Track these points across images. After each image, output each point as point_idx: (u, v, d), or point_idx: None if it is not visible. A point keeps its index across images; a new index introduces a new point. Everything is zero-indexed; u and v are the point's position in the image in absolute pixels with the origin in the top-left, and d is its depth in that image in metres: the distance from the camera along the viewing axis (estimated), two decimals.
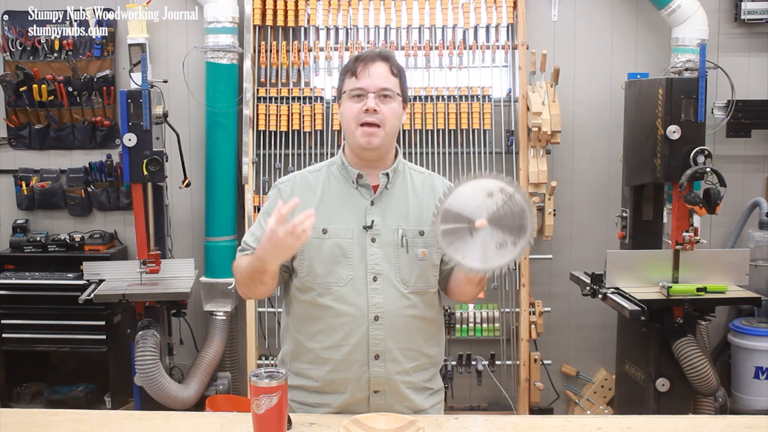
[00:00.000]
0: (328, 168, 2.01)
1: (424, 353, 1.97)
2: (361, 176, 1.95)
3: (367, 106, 1.88)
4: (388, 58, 1.94)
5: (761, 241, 4.06)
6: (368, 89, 1.89)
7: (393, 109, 1.91)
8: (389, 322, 1.90)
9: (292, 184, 2.00)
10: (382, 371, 1.91)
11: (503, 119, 4.13)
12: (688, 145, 3.30)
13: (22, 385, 4.24)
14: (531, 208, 1.75)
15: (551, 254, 4.16)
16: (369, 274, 1.90)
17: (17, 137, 4.32)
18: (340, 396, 1.93)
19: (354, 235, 1.91)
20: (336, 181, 1.98)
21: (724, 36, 4.18)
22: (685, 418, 1.96)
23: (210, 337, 4.08)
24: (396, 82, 1.93)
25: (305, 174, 2.03)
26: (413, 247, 1.93)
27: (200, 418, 1.94)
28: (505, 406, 4.09)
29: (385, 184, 1.96)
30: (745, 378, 4.02)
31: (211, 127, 4.15)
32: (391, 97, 1.91)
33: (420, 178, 2.03)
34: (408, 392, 1.95)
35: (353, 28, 4.12)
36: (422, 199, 1.99)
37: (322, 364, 1.93)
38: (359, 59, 1.93)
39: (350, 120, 1.91)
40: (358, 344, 1.89)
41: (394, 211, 1.95)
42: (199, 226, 4.28)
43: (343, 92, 1.94)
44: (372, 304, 1.89)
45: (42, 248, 4.13)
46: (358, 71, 1.91)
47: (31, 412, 2.03)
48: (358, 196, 1.95)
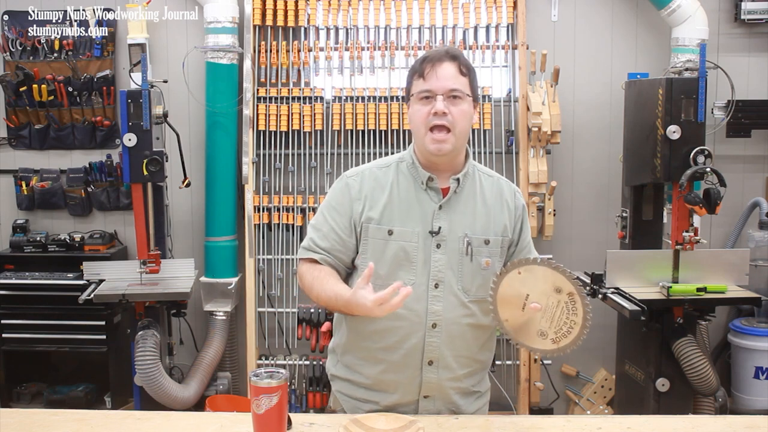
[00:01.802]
0: (397, 165, 1.95)
1: (476, 359, 1.96)
2: (432, 179, 1.90)
3: (436, 109, 1.82)
4: (456, 57, 1.87)
5: (761, 241, 4.06)
6: (437, 91, 1.83)
7: (463, 110, 1.85)
8: (446, 330, 1.87)
9: (361, 178, 1.94)
10: (435, 377, 1.89)
11: (503, 119, 4.13)
12: (688, 145, 3.30)
13: (22, 385, 4.24)
14: (585, 326, 1.77)
15: (551, 254, 4.15)
16: (431, 281, 1.87)
17: (17, 137, 4.32)
18: (389, 396, 1.92)
19: (419, 239, 1.87)
20: (405, 181, 1.92)
21: (724, 36, 4.18)
22: (685, 418, 1.95)
23: (210, 337, 4.08)
24: (465, 82, 1.87)
25: (374, 169, 1.96)
26: (477, 256, 1.90)
27: (200, 418, 1.94)
28: (505, 406, 4.08)
29: (455, 189, 1.91)
30: (745, 378, 4.02)
31: (211, 127, 4.15)
32: (461, 97, 1.85)
33: (489, 182, 1.98)
34: (456, 397, 1.95)
35: (353, 28, 4.12)
36: (490, 206, 1.94)
37: (375, 363, 1.91)
38: (426, 59, 1.87)
39: (419, 123, 1.86)
40: (414, 349, 1.87)
41: (461, 217, 1.90)
42: (199, 226, 4.28)
43: (412, 94, 1.89)
44: (431, 312, 1.86)
45: (42, 248, 4.13)
46: (425, 72, 1.85)
47: (31, 412, 2.03)
48: (427, 199, 1.90)
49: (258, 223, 4.09)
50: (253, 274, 4.06)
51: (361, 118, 4.05)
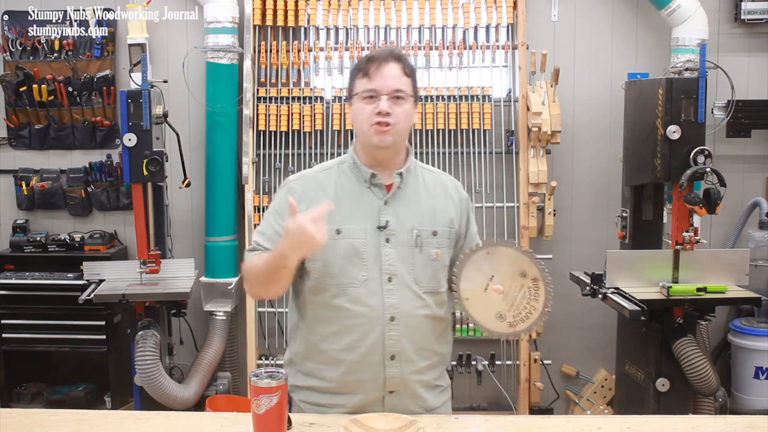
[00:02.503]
0: (339, 166, 1.99)
1: (436, 352, 1.98)
2: (375, 175, 1.93)
3: (380, 108, 1.86)
4: (400, 58, 1.91)
5: (761, 241, 4.06)
6: (381, 91, 1.87)
7: (405, 110, 1.89)
8: (404, 323, 1.89)
9: (303, 182, 1.97)
10: (398, 371, 1.90)
11: (503, 119, 4.13)
12: (688, 145, 3.30)
13: (22, 385, 4.24)
14: (544, 313, 1.80)
15: (551, 254, 4.15)
16: (384, 275, 1.88)
17: (17, 137, 4.32)
18: (354, 397, 1.92)
19: (368, 236, 1.90)
20: (348, 180, 1.95)
21: (724, 36, 4.18)
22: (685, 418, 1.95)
23: (210, 337, 4.08)
24: (408, 83, 1.91)
25: (316, 172, 2.00)
26: (427, 248, 1.92)
27: (200, 418, 1.94)
28: (505, 406, 4.09)
29: (399, 184, 1.95)
30: (745, 378, 4.02)
31: (211, 127, 4.15)
32: (404, 98, 1.89)
33: (431, 177, 2.03)
34: (421, 391, 1.96)
35: (353, 28, 4.12)
36: (435, 198, 1.98)
37: (336, 365, 1.91)
38: (372, 59, 1.90)
39: (363, 121, 1.90)
40: (374, 345, 1.88)
41: (408, 211, 1.93)
42: (199, 226, 4.28)
43: (355, 93, 1.92)
44: (387, 305, 1.88)
45: (42, 248, 4.13)
46: (370, 72, 1.88)
47: (31, 412, 2.03)
48: (372, 196, 1.93)
49: (258, 223, 4.08)
50: None
51: None
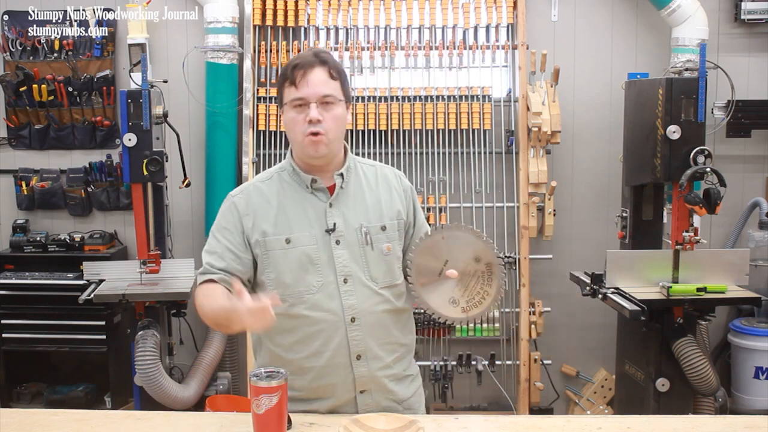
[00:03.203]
0: (279, 175, 1.96)
1: (401, 344, 1.98)
2: (315, 180, 1.91)
3: (310, 117, 1.83)
4: (325, 62, 1.87)
5: (761, 241, 4.06)
6: (309, 99, 1.83)
7: (336, 115, 1.87)
8: (365, 321, 1.89)
9: (246, 195, 1.95)
10: (366, 370, 1.91)
11: (503, 119, 4.13)
12: (688, 145, 3.30)
13: (22, 385, 4.24)
14: (497, 298, 1.81)
15: (551, 254, 4.16)
16: (339, 277, 1.88)
17: (17, 137, 4.32)
18: (326, 401, 1.92)
19: (318, 241, 1.89)
20: (290, 188, 1.93)
21: (724, 36, 4.18)
22: (685, 418, 1.95)
23: (210, 337, 4.08)
24: (336, 86, 1.87)
25: (257, 184, 1.97)
26: (378, 243, 1.92)
27: (200, 418, 1.94)
28: (505, 406, 4.08)
29: (341, 184, 1.93)
30: (745, 378, 4.02)
31: (211, 127, 4.15)
32: (333, 102, 1.86)
33: (372, 171, 2.02)
34: (391, 385, 1.96)
35: (353, 28, 4.12)
36: (378, 192, 1.98)
37: (304, 373, 1.91)
38: (297, 66, 1.85)
39: (296, 131, 1.87)
40: (339, 348, 1.88)
41: (353, 209, 1.93)
42: (199, 226, 4.28)
43: (285, 102, 1.89)
44: (347, 307, 1.88)
45: (42, 248, 4.13)
46: (297, 80, 1.84)
47: (31, 412, 2.03)
48: (315, 200, 1.92)
49: None
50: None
51: (360, 118, 4.05)
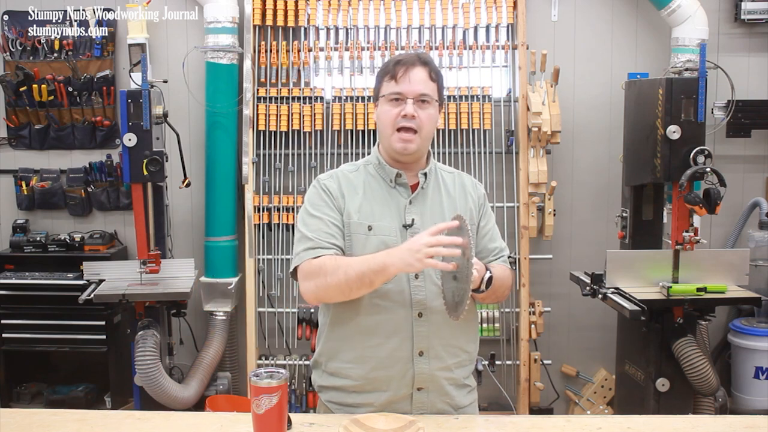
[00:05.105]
0: (364, 167, 2.03)
1: (464, 350, 1.99)
2: (400, 175, 1.97)
3: (406, 111, 1.89)
4: (427, 63, 1.94)
5: (761, 241, 4.06)
6: (407, 95, 1.90)
7: (430, 114, 1.93)
8: (432, 319, 1.90)
9: (336, 180, 2.00)
10: (426, 368, 1.91)
11: (503, 119, 4.13)
12: (688, 145, 3.30)
13: (22, 385, 4.24)
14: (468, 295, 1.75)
15: (551, 254, 4.16)
16: (411, 273, 1.89)
17: (17, 137, 4.32)
18: (382, 394, 1.92)
19: (397, 233, 1.92)
20: (374, 181, 1.99)
21: (724, 36, 4.18)
22: (685, 418, 1.96)
23: (210, 337, 4.08)
24: (434, 87, 1.94)
25: (345, 171, 2.03)
26: None
27: (200, 418, 1.94)
28: (505, 406, 4.08)
29: (422, 184, 1.98)
30: (745, 378, 4.02)
31: (211, 127, 4.15)
32: (429, 102, 1.93)
33: (450, 178, 2.06)
34: (450, 389, 1.96)
35: (353, 28, 4.12)
36: (455, 198, 2.02)
37: (363, 362, 1.92)
38: (399, 63, 1.93)
39: (387, 124, 1.93)
40: (403, 341, 1.89)
41: (431, 210, 1.97)
42: (199, 226, 4.28)
43: (382, 95, 1.95)
44: (415, 301, 1.90)
45: (42, 248, 4.13)
46: (398, 75, 1.91)
47: (31, 412, 2.03)
48: (397, 195, 1.97)
49: (258, 223, 4.09)
50: (253, 274, 4.06)
51: (361, 118, 4.05)
